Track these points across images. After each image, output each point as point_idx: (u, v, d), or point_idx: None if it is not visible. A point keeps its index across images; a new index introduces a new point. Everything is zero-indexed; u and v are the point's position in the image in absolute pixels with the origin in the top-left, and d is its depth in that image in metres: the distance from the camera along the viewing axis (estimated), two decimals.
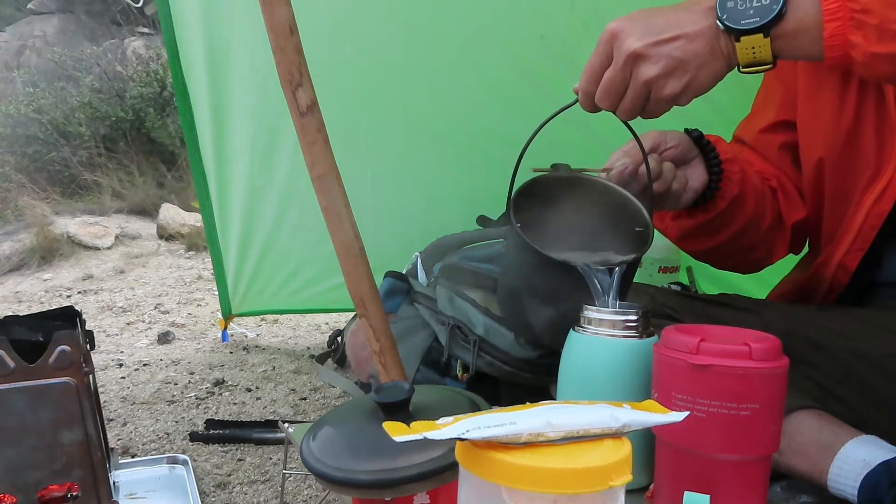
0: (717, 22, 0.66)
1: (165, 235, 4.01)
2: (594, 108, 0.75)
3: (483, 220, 1.65)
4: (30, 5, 7.66)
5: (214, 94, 1.86)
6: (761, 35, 0.64)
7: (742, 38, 0.65)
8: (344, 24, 1.70)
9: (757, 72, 0.68)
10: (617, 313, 0.74)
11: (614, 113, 0.74)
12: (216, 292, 2.32)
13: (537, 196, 0.84)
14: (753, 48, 0.65)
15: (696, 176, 0.87)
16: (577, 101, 0.76)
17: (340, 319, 2.37)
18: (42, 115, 5.04)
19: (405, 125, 1.82)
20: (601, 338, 0.74)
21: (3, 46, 7.27)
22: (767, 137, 0.99)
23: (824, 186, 0.93)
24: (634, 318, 0.74)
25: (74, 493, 0.93)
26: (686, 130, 0.89)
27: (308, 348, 2.21)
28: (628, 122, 0.78)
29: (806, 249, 1.05)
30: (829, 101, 0.89)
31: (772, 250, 0.99)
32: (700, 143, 0.88)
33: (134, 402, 1.73)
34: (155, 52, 5.88)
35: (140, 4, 2.07)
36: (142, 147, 5.02)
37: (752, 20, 0.64)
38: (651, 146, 0.84)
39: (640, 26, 0.68)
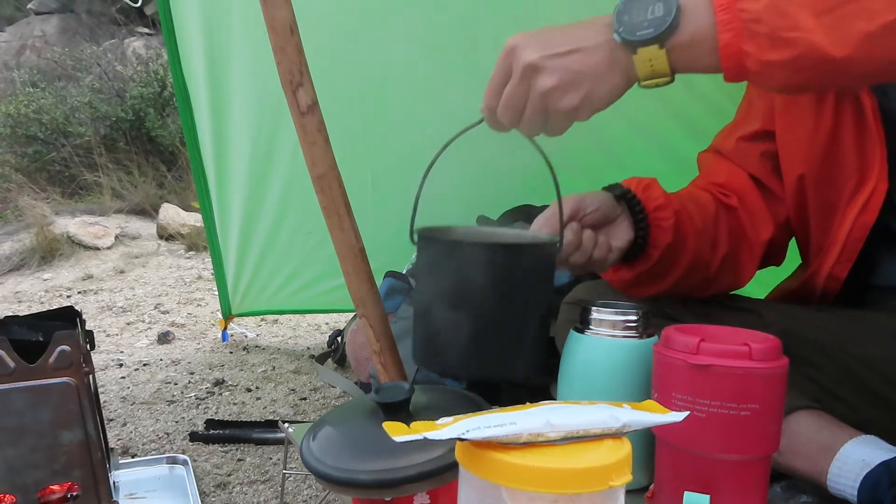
0: (615, 35, 0.66)
1: (165, 235, 4.01)
2: (499, 126, 0.74)
3: (483, 221, 1.65)
4: (30, 5, 7.67)
5: (214, 94, 1.86)
6: (657, 46, 0.64)
7: (639, 50, 0.65)
8: (345, 25, 1.70)
9: (656, 85, 0.68)
10: (617, 313, 0.75)
11: (518, 130, 0.73)
12: (216, 292, 2.32)
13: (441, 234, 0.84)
14: (650, 60, 0.65)
15: (620, 235, 0.86)
16: (482, 120, 0.75)
17: (340, 319, 2.37)
18: (42, 115, 5.03)
19: (406, 125, 1.82)
20: (601, 338, 0.75)
21: (3, 46, 7.28)
22: (748, 146, 0.97)
23: (808, 200, 0.92)
24: (634, 318, 0.74)
25: (74, 493, 0.93)
26: (610, 187, 0.88)
27: (308, 348, 2.21)
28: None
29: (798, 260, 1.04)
30: (805, 116, 0.89)
31: (738, 273, 0.96)
32: (625, 198, 0.86)
33: (134, 402, 1.73)
34: (155, 52, 5.88)
35: (139, 4, 2.06)
36: (142, 147, 5.02)
37: (646, 31, 0.64)
38: (569, 214, 0.82)
39: (537, 40, 0.69)
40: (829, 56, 0.60)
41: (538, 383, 1.13)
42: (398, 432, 0.41)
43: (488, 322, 0.73)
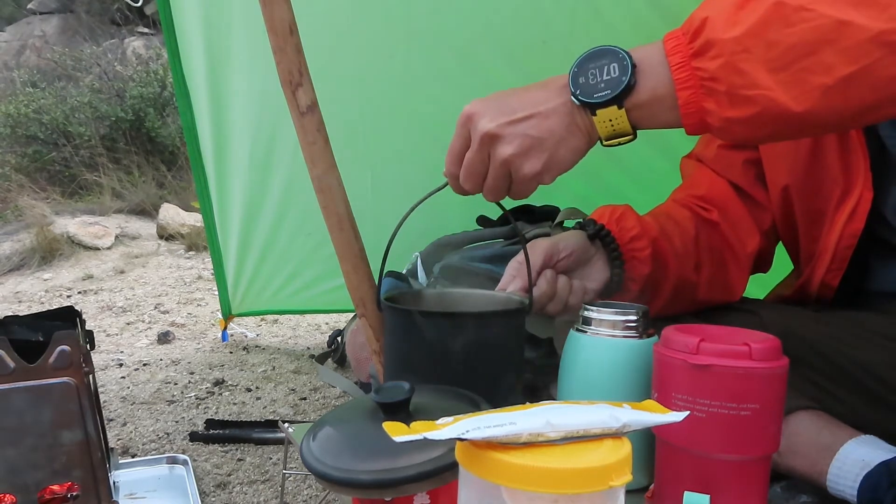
0: (572, 97, 0.66)
1: (165, 235, 4.01)
2: (462, 191, 0.73)
3: (483, 220, 1.65)
4: (30, 5, 7.67)
5: (214, 94, 1.86)
6: (615, 107, 0.64)
7: (598, 112, 0.65)
8: (345, 25, 1.70)
9: (619, 144, 0.67)
10: (617, 313, 0.75)
11: (482, 195, 0.72)
12: (216, 292, 2.33)
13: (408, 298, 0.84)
14: (611, 120, 0.65)
15: (594, 276, 0.85)
16: (447, 184, 0.75)
17: (340, 319, 2.37)
18: (42, 115, 5.04)
19: (405, 125, 1.82)
20: (601, 338, 0.75)
21: (3, 46, 7.28)
22: (730, 154, 0.96)
23: (794, 210, 0.92)
24: (634, 318, 0.74)
25: (74, 493, 0.93)
26: (582, 224, 0.87)
27: (308, 348, 2.21)
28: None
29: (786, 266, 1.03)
30: None
31: (729, 288, 0.95)
32: (599, 235, 0.86)
33: (134, 402, 1.73)
34: (155, 52, 5.89)
35: (140, 4, 2.07)
36: (142, 147, 5.03)
37: (603, 93, 0.63)
38: (542, 261, 0.81)
39: (493, 107, 0.67)
40: (789, 111, 0.59)
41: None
42: (398, 432, 0.41)
43: None
